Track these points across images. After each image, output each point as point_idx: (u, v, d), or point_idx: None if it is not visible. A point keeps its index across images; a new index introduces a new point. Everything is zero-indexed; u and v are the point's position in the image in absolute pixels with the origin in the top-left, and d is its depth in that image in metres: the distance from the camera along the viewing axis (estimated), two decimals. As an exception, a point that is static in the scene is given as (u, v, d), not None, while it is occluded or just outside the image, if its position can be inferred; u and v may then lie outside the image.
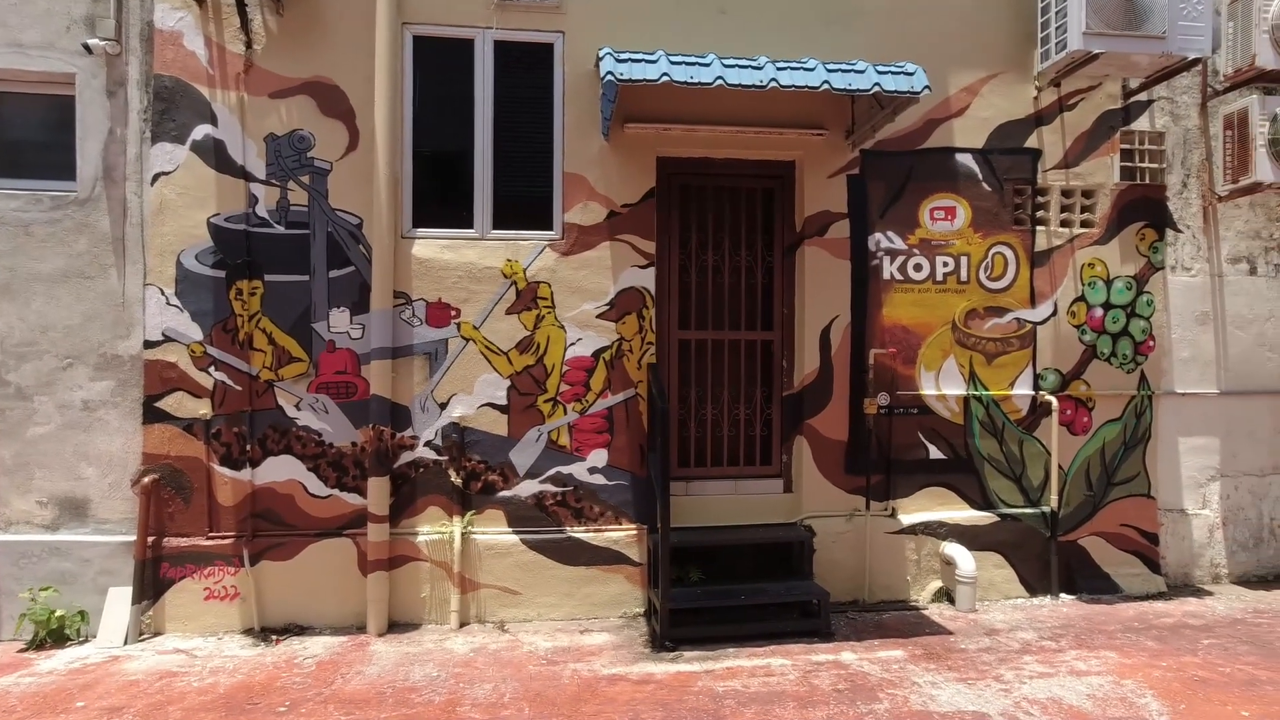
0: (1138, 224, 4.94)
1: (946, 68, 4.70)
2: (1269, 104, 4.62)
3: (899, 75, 3.84)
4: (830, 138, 4.57)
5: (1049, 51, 4.51)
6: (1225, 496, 5.15)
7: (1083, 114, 4.87)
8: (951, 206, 4.72)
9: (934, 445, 4.74)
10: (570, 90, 4.41)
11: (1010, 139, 4.79)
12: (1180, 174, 5.02)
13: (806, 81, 3.75)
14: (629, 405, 4.49)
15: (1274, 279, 5.19)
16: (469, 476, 4.36)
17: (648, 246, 4.48)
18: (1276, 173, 4.63)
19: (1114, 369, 4.93)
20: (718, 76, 3.68)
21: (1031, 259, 4.82)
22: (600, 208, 4.44)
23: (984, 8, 4.75)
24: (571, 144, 4.42)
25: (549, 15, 4.39)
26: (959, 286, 4.74)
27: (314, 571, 4.20)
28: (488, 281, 4.36)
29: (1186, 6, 4.31)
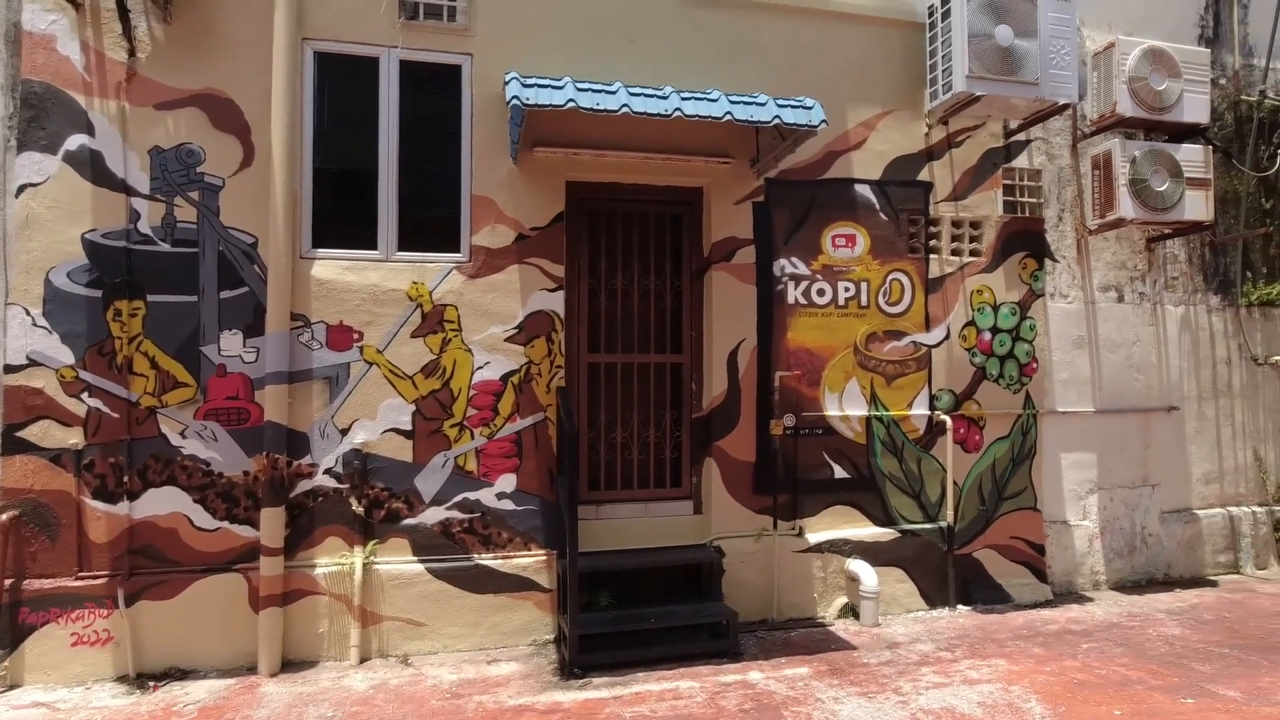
0: (1020, 254, 5.28)
1: (845, 103, 4.93)
2: (1129, 147, 5.05)
3: (798, 109, 3.99)
4: (736, 166, 4.70)
5: (937, 92, 4.80)
6: (1103, 508, 5.51)
7: (969, 151, 5.19)
8: (852, 234, 4.93)
9: (838, 465, 4.89)
10: (479, 112, 4.38)
11: (904, 172, 5.05)
12: (1056, 208, 5.41)
13: (710, 112, 3.86)
14: (538, 429, 4.44)
15: (1138, 306, 5.63)
16: (371, 504, 4.20)
17: (557, 270, 4.47)
18: (1137, 210, 5.06)
19: (1002, 389, 5.22)
20: (623, 104, 3.74)
21: (926, 285, 5.08)
22: (509, 230, 4.41)
23: (878, 49, 5.02)
24: (480, 166, 4.38)
25: (457, 37, 4.36)
26: (860, 311, 4.94)
27: (199, 610, 3.94)
28: (392, 304, 4.25)
29: (1056, 57, 4.67)
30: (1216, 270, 5.85)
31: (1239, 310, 5.89)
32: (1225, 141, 5.77)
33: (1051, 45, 4.67)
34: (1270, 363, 5.94)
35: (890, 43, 5.03)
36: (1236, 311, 5.89)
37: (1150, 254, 5.66)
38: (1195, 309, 5.80)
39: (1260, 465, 5.97)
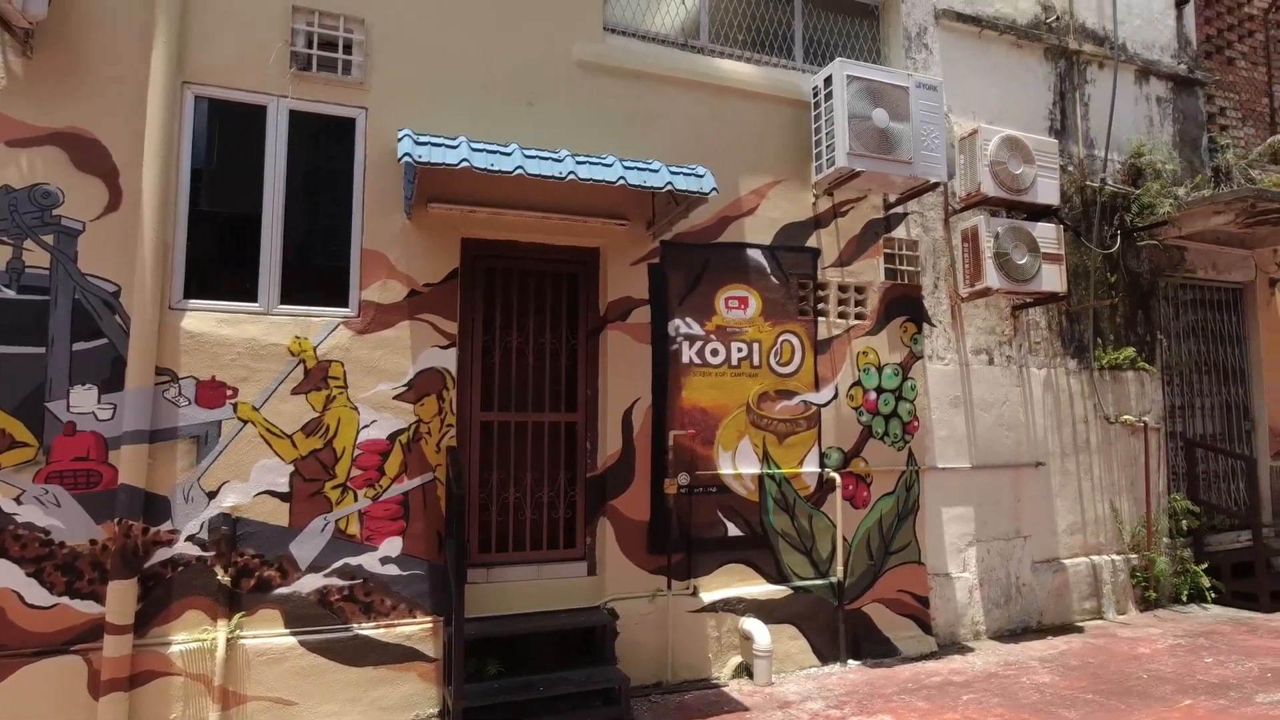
0: (901, 318, 5.60)
1: (738, 172, 5.16)
2: (993, 224, 5.50)
3: (690, 176, 4.14)
4: (633, 228, 4.80)
5: (822, 166, 5.10)
6: (981, 559, 5.79)
7: (853, 220, 5.51)
8: (744, 296, 5.10)
9: (732, 523, 4.94)
10: (373, 166, 4.31)
11: (794, 238, 5.30)
12: (932, 276, 5.79)
13: (604, 176, 3.94)
14: (426, 490, 4.29)
15: (1007, 368, 6.06)
16: (240, 573, 3.91)
17: (450, 327, 4.39)
18: (1002, 280, 5.48)
19: (887, 447, 5.46)
20: (518, 166, 3.77)
21: (815, 346, 5.29)
22: (401, 286, 4.31)
23: (769, 122, 5.30)
24: (372, 220, 4.29)
25: (352, 90, 4.31)
26: (752, 371, 5.08)
27: (26, 700, 3.51)
28: (272, 359, 4.05)
29: (927, 140, 5.07)
30: (1073, 336, 6.38)
31: (1093, 373, 6.43)
32: (1075, 221, 6.38)
33: (922, 129, 5.06)
34: (1120, 421, 6.48)
35: (780, 118, 5.32)
36: (1091, 374, 6.42)
37: (1015, 320, 6.13)
38: (1056, 371, 6.28)
39: (1116, 516, 6.44)
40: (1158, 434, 6.67)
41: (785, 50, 5.63)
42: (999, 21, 6.18)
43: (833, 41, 5.82)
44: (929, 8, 5.91)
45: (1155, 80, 6.96)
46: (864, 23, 5.96)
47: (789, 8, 5.68)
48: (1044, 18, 6.41)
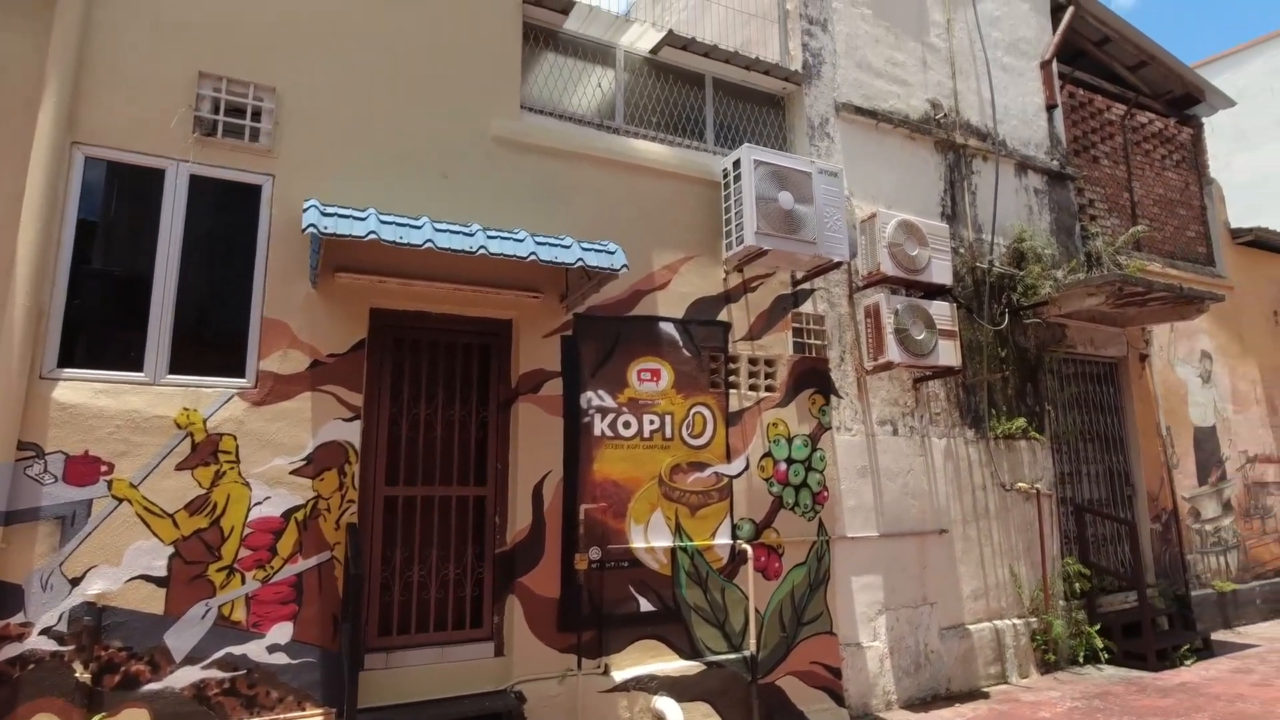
0: (809, 390, 5.78)
1: (651, 247, 5.29)
2: (893, 301, 5.81)
3: (601, 253, 4.22)
4: (546, 300, 4.83)
5: (732, 243, 5.30)
6: (890, 628, 5.88)
7: (763, 295, 5.71)
8: (657, 369, 5.17)
9: (644, 597, 4.86)
10: (278, 233, 4.21)
11: (706, 312, 5.44)
12: (838, 350, 6.03)
13: (515, 251, 3.97)
14: (323, 570, 4.06)
15: (910, 438, 6.31)
16: (103, 669, 3.56)
17: (354, 398, 4.26)
18: (902, 355, 5.76)
19: (798, 517, 5.54)
20: (427, 239, 3.76)
21: (726, 418, 5.38)
22: (303, 356, 4.17)
23: (682, 200, 5.49)
24: (275, 288, 4.17)
25: (259, 157, 4.23)
26: (664, 443, 5.10)
27: None
28: (156, 432, 3.80)
29: (830, 221, 5.36)
30: (969, 407, 6.72)
31: (989, 442, 6.76)
32: (967, 299, 6.81)
33: (825, 211, 5.35)
34: (1015, 488, 6.81)
35: (693, 196, 5.53)
36: (987, 443, 6.75)
37: (917, 392, 6.42)
38: (955, 441, 6.58)
39: (1016, 580, 6.69)
40: (1050, 500, 7.03)
41: (698, 133, 5.91)
42: (893, 116, 6.67)
43: (742, 126, 6.14)
44: (830, 101, 6.34)
45: (1033, 173, 7.62)
46: (771, 111, 6.33)
47: (701, 95, 5.98)
48: (934, 114, 6.97)
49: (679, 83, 5.92)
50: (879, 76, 6.72)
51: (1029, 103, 7.77)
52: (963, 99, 7.22)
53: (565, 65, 5.53)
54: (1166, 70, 8.96)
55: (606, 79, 5.66)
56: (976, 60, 7.41)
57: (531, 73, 5.40)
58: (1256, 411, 9.40)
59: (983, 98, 7.37)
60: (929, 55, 7.10)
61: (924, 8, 7.18)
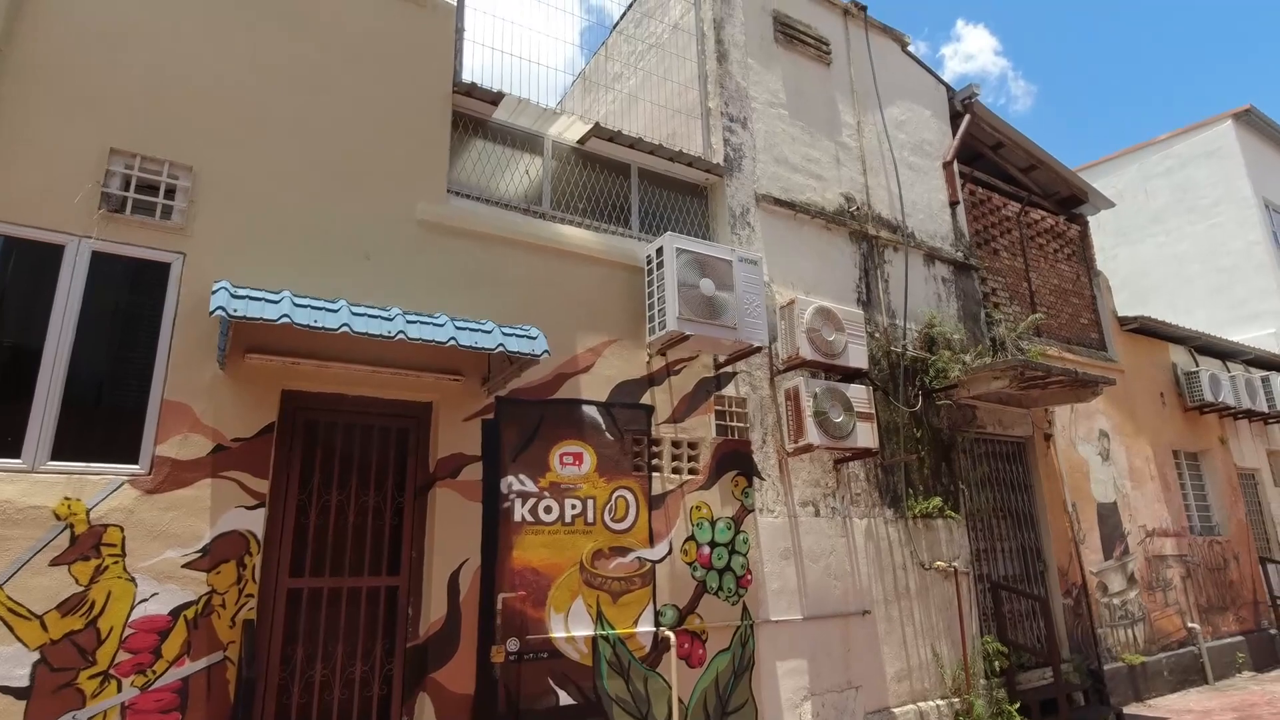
0: (732, 472, 5.83)
1: (575, 330, 5.34)
2: (812, 384, 5.99)
3: (522, 338, 4.24)
4: (467, 383, 4.78)
5: (654, 328, 5.40)
6: (816, 714, 5.79)
7: (686, 379, 5.81)
8: (579, 453, 5.13)
9: (564, 690, 4.68)
10: (186, 312, 4.07)
11: (629, 395, 5.48)
12: (760, 432, 6.14)
13: (434, 336, 3.94)
14: (213, 673, 3.76)
15: (832, 519, 6.40)
16: (-55, 798, 3.17)
17: (260, 485, 4.06)
18: (822, 437, 5.90)
19: (722, 601, 5.48)
20: (343, 323, 3.70)
21: (649, 502, 5.35)
22: (205, 440, 3.98)
23: (607, 285, 5.60)
24: (179, 370, 3.99)
25: (170, 235, 4.13)
26: (586, 528, 5.03)
27: None
28: (30, 524, 3.52)
29: (750, 307, 5.55)
30: (888, 488, 6.89)
31: (907, 522, 6.92)
32: (883, 382, 7.08)
33: (745, 298, 5.54)
34: (934, 568, 6.95)
35: (617, 281, 5.64)
36: (906, 523, 6.91)
37: (838, 473, 6.55)
38: (875, 521, 6.71)
39: (938, 660, 6.74)
40: (967, 578, 7.19)
41: (623, 220, 6.09)
42: (810, 207, 7.05)
43: (667, 214, 6.37)
44: (750, 192, 6.66)
45: (940, 263, 8.11)
46: (695, 200, 6.60)
47: (627, 183, 6.20)
48: (848, 207, 7.40)
49: (606, 171, 6.13)
50: (796, 171, 7.12)
51: (934, 199, 8.34)
52: (874, 194, 7.70)
53: (494, 152, 5.66)
54: (1053, 174, 9.81)
55: (534, 166, 5.81)
56: (885, 159, 7.95)
57: (460, 158, 5.50)
58: (1152, 487, 9.96)
59: (892, 193, 7.88)
60: (841, 153, 7.59)
61: (836, 110, 7.71)
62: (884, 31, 8.54)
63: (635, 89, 7.41)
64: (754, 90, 7.04)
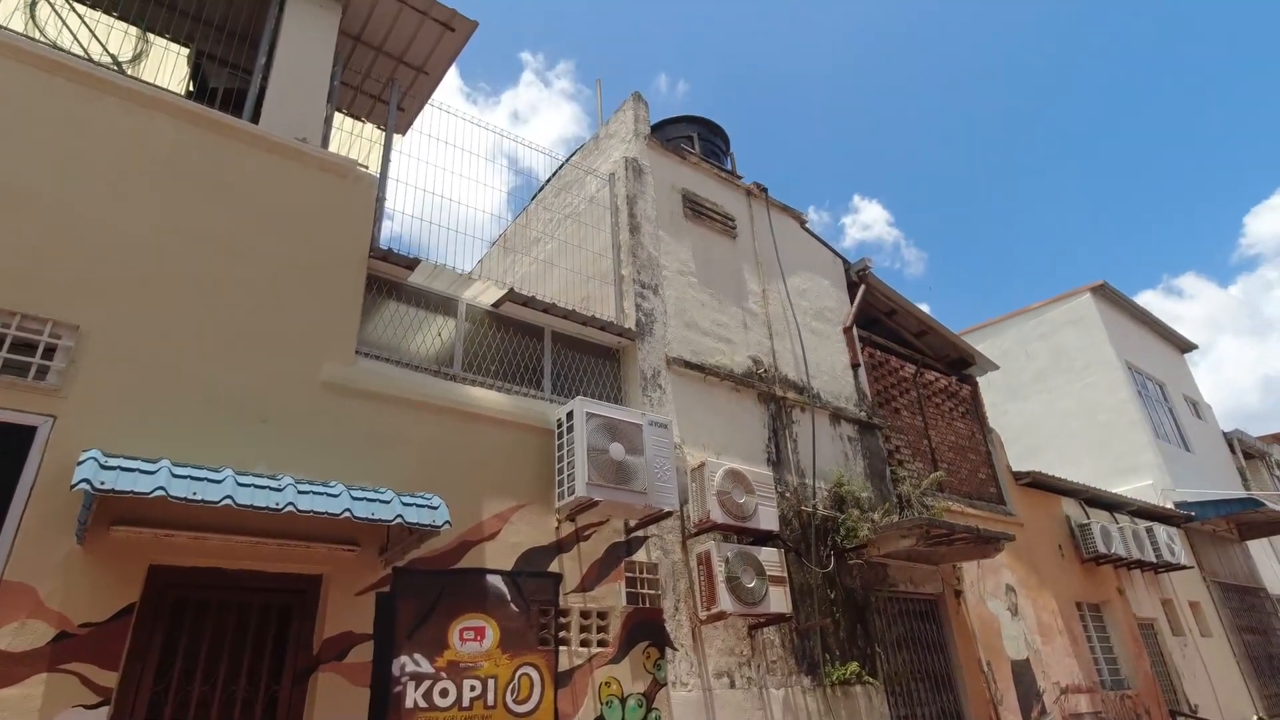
0: (644, 643, 5.57)
1: (482, 496, 5.19)
2: (724, 549, 5.94)
3: (423, 508, 4.07)
4: (363, 554, 4.50)
5: (564, 493, 5.31)
6: None
7: (595, 544, 5.65)
8: (481, 626, 4.82)
9: None
10: (46, 481, 3.74)
11: (536, 563, 5.27)
12: (672, 599, 5.95)
13: (327, 508, 3.74)
14: None
15: (748, 690, 6.12)
16: None
17: (107, 679, 3.59)
18: (734, 604, 5.77)
19: (633, 792, 5.04)
20: (226, 495, 3.47)
21: (555, 679, 5.01)
22: (47, 627, 3.53)
23: (517, 448, 5.53)
24: (28, 545, 3.61)
25: (42, 396, 3.87)
26: (486, 712, 4.62)
27: None
28: None
29: (660, 471, 5.56)
30: (804, 653, 6.71)
31: (825, 690, 6.69)
32: (795, 543, 7.10)
33: (655, 462, 5.56)
34: (852, 741, 6.66)
35: (527, 444, 5.59)
36: (824, 691, 6.68)
37: (753, 640, 6.36)
38: (793, 690, 6.45)
39: None
40: (890, 751, 6.90)
41: (535, 382, 6.14)
42: (720, 370, 7.32)
43: (579, 376, 6.47)
44: (661, 355, 6.89)
45: (845, 423, 8.46)
46: (607, 362, 6.76)
47: (540, 346, 6.32)
48: (756, 369, 7.72)
49: (520, 333, 6.25)
50: (706, 335, 7.45)
51: (837, 361, 8.83)
52: (780, 357, 8.10)
53: (407, 314, 5.71)
54: (942, 339, 10.64)
55: (448, 328, 5.87)
56: (790, 324, 8.45)
57: (372, 319, 5.51)
58: (1061, 642, 10.07)
59: (797, 356, 8.30)
60: (749, 319, 8.03)
61: (742, 279, 8.25)
62: (784, 210, 9.37)
63: (553, 254, 7.75)
64: (665, 260, 7.48)
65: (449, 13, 6.33)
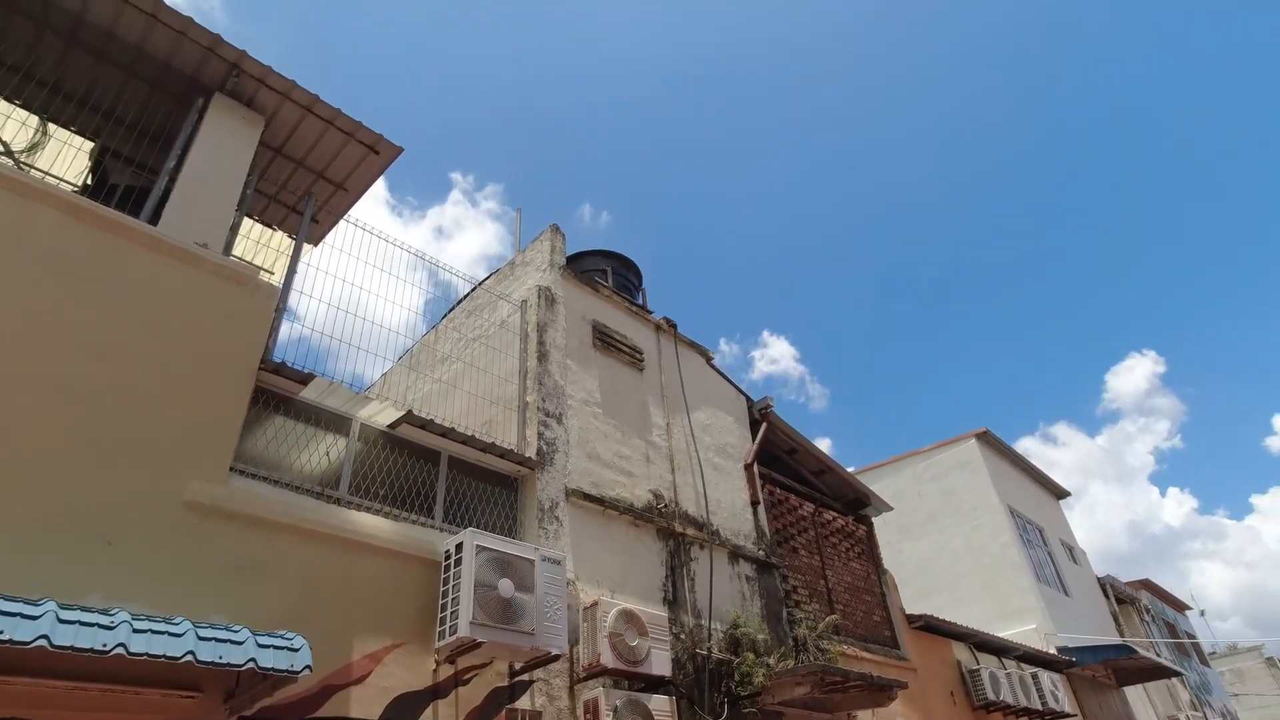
0: (520, 806, 5.07)
1: (355, 633, 4.77)
2: (612, 696, 5.61)
3: (281, 650, 3.68)
4: (205, 701, 3.98)
5: (445, 632, 4.95)
6: None
7: (476, 688, 5.23)
8: (335, 790, 4.28)
9: None
10: None
11: (408, 711, 4.80)
12: (556, 752, 5.51)
13: (166, 649, 3.33)
14: None
15: None
16: None
17: None
18: (622, 758, 5.39)
19: None
20: (41, 635, 3.04)
21: None
22: None
23: (399, 581, 5.17)
24: None
25: None
26: None
27: None
28: None
29: (550, 611, 5.30)
30: (695, 815, 6.27)
31: None
32: (688, 688, 6.80)
33: (546, 600, 5.30)
34: None
35: (411, 577, 5.24)
36: None
37: (640, 800, 5.90)
38: None
39: None
40: None
41: (426, 509, 5.86)
42: (619, 504, 7.22)
43: (474, 504, 6.23)
44: (561, 486, 6.75)
45: (744, 561, 8.41)
46: (505, 491, 6.55)
47: (435, 471, 6.08)
48: (656, 504, 7.66)
49: (415, 457, 6.01)
50: (607, 467, 7.39)
51: (737, 498, 8.90)
52: (681, 492, 8.09)
53: (295, 430, 5.42)
54: (840, 479, 10.96)
55: (338, 447, 5.59)
56: (692, 459, 8.52)
57: (255, 434, 5.19)
58: (955, 798, 9.86)
59: (698, 491, 8.32)
60: (651, 452, 8.06)
61: (647, 412, 8.34)
62: (691, 346, 9.69)
63: (458, 376, 7.64)
64: (571, 389, 7.50)
65: (375, 137, 6.49)
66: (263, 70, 5.89)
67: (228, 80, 5.93)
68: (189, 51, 5.73)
